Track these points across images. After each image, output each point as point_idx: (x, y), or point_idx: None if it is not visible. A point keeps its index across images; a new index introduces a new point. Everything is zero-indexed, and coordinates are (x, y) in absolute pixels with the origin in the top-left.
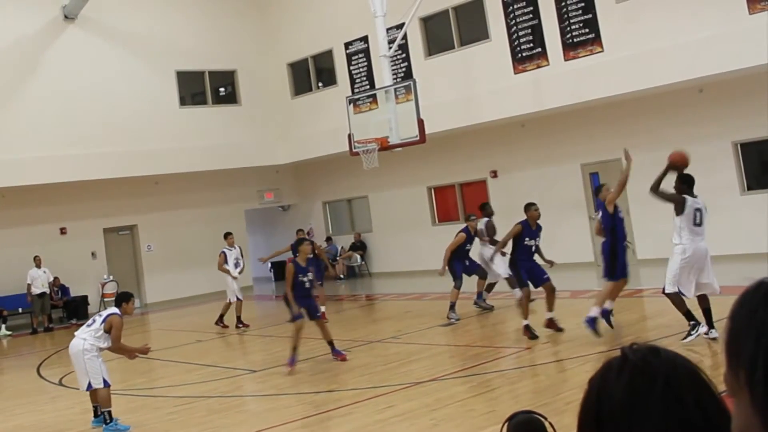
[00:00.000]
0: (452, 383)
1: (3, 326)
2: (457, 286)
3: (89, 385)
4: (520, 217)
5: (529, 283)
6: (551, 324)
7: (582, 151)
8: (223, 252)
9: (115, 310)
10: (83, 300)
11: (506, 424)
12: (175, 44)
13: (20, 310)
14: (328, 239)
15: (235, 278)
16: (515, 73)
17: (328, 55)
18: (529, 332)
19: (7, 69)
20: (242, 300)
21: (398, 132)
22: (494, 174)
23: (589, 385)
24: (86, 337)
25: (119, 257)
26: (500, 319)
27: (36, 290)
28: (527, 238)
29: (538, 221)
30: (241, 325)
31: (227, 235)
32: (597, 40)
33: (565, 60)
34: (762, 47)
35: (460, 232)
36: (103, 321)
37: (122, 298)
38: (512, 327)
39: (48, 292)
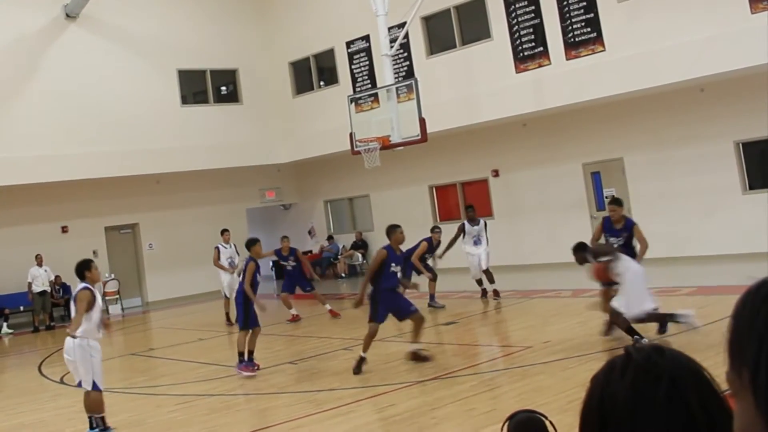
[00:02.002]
0: (453, 382)
1: (4, 324)
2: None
3: (80, 384)
4: (522, 217)
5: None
6: (416, 356)
7: (583, 151)
8: (218, 248)
9: (81, 285)
10: None
11: (507, 423)
12: (177, 43)
13: (21, 308)
14: (330, 238)
15: (231, 273)
16: (517, 73)
17: (329, 53)
18: (359, 367)
19: (8, 67)
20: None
21: (400, 131)
22: (496, 173)
23: (592, 384)
24: (75, 333)
25: (121, 256)
26: (501, 318)
27: (37, 288)
28: (393, 264)
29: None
30: (230, 323)
31: (224, 232)
32: (599, 39)
33: (567, 59)
34: (763, 47)
35: (422, 240)
36: (75, 304)
37: (83, 267)
38: (513, 326)
39: (49, 290)
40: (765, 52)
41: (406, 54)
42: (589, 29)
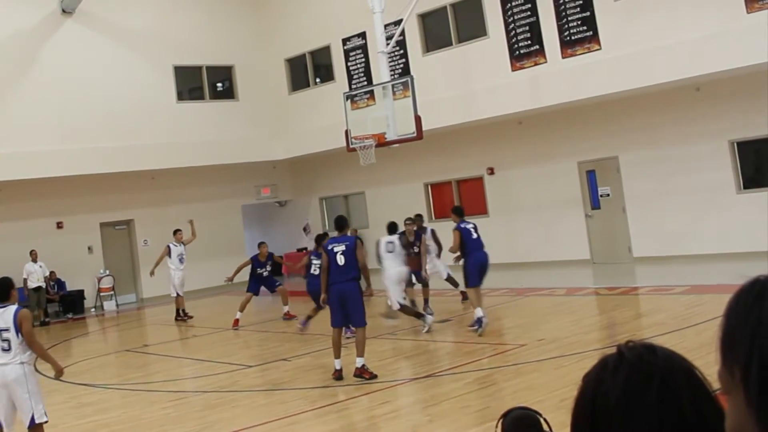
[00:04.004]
0: (447, 380)
1: None
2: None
3: (32, 420)
4: (517, 215)
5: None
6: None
7: (579, 149)
8: (168, 246)
9: (10, 306)
10: (79, 294)
11: (502, 420)
12: (173, 39)
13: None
14: (325, 235)
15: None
16: (513, 71)
17: (325, 50)
18: None
19: (4, 63)
20: (182, 295)
21: (395, 128)
22: (491, 171)
23: (584, 382)
24: (23, 359)
25: (116, 252)
26: (495, 317)
27: (32, 284)
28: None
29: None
30: (183, 317)
31: (176, 232)
32: (595, 37)
33: (563, 57)
34: (760, 46)
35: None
36: (16, 325)
37: (9, 286)
38: (507, 324)
39: (44, 286)
40: (761, 52)
41: (402, 51)
42: (585, 28)
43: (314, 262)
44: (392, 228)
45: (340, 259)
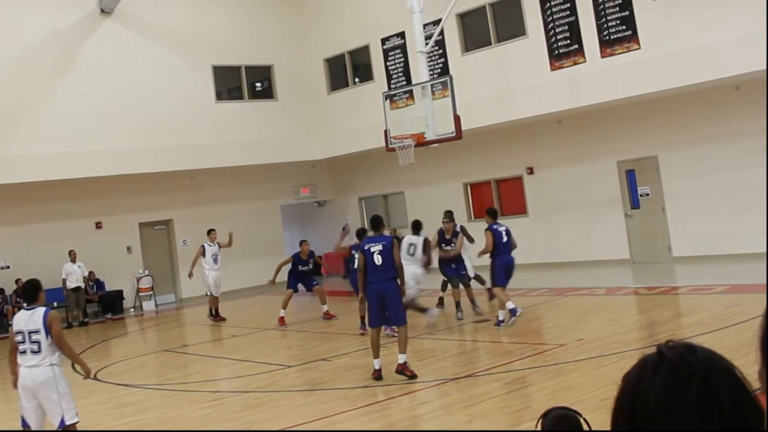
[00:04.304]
0: (487, 379)
1: None
2: (455, 285)
3: (62, 422)
4: (556, 214)
5: None
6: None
7: (618, 149)
8: (203, 246)
9: (39, 307)
10: (118, 294)
11: (542, 420)
12: (212, 39)
13: (55, 304)
14: (365, 230)
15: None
16: (552, 70)
17: (364, 50)
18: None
19: (43, 63)
20: (217, 296)
21: (434, 128)
22: (530, 171)
23: (624, 382)
24: (53, 361)
25: (155, 252)
26: (535, 316)
27: (71, 284)
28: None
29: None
30: (215, 318)
31: (210, 232)
32: (634, 37)
33: (602, 57)
34: None
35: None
36: (46, 326)
37: (37, 288)
38: (547, 324)
39: (83, 286)
40: None
41: (441, 51)
42: (624, 27)
43: (356, 255)
44: (417, 226)
45: (378, 259)
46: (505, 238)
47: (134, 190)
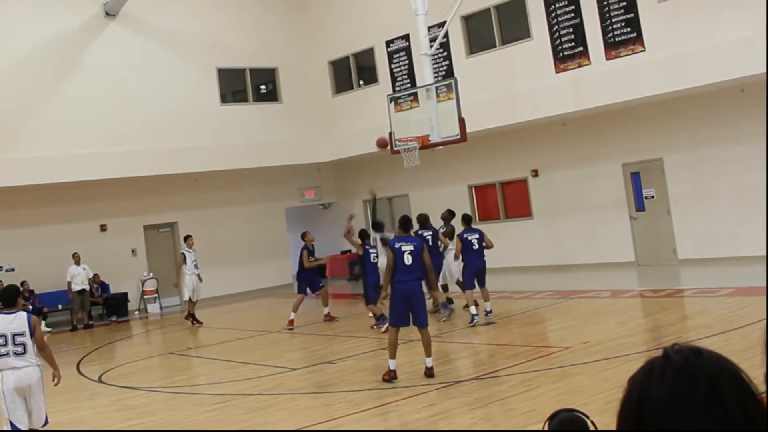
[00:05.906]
0: (492, 382)
1: (43, 323)
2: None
3: (46, 421)
4: (561, 217)
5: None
6: None
7: (623, 151)
8: (183, 253)
9: (21, 312)
10: (123, 297)
11: (548, 422)
12: (217, 41)
13: (60, 306)
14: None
15: (199, 278)
16: (556, 72)
17: (369, 53)
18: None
19: (48, 65)
20: (194, 301)
21: (439, 130)
22: (535, 173)
23: (630, 384)
24: (38, 362)
25: (159, 254)
26: (539, 319)
27: (76, 287)
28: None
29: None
30: (195, 322)
31: (187, 238)
32: (639, 39)
33: (607, 59)
34: None
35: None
36: (31, 328)
37: (17, 294)
38: (552, 327)
39: (88, 288)
40: None
41: (445, 53)
42: (629, 29)
43: (371, 251)
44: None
45: (408, 259)
46: (476, 246)
47: (139, 192)
